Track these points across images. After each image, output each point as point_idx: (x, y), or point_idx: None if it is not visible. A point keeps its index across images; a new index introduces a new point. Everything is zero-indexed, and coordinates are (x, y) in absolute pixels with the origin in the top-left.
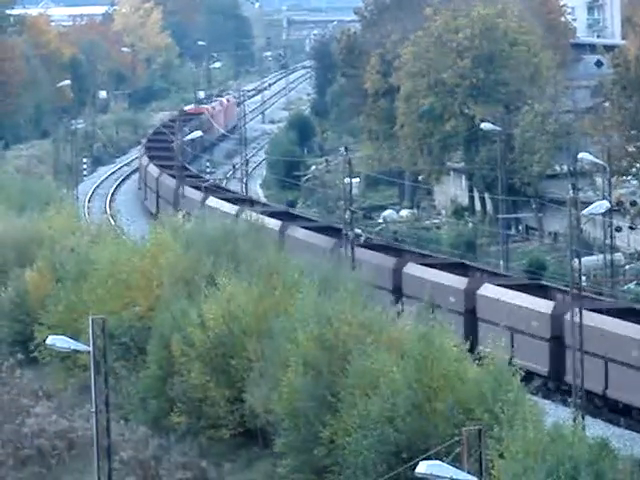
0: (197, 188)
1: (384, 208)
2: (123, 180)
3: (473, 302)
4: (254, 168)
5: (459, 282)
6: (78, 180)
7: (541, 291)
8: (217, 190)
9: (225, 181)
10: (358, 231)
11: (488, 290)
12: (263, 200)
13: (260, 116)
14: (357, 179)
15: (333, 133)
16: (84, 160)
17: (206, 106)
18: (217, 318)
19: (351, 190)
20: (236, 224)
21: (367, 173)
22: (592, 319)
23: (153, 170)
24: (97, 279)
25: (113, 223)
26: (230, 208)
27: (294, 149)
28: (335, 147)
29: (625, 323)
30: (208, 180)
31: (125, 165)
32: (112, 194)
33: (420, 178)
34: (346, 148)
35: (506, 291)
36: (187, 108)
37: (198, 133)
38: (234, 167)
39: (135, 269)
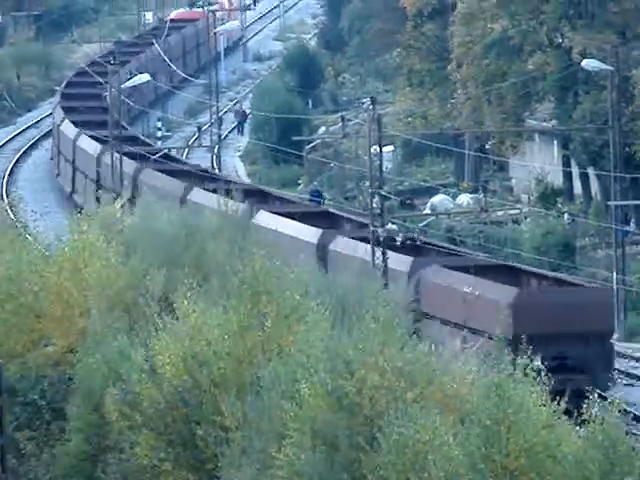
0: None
1: (433, 192)
2: (28, 150)
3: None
4: (230, 130)
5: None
6: None
7: (321, 219)
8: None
9: (185, 149)
10: (393, 227)
11: (262, 218)
12: (242, 177)
13: (240, 50)
14: (390, 147)
15: (352, 76)
16: None
17: (201, 10)
18: (175, 363)
19: (381, 164)
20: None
21: (406, 137)
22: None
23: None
24: None
25: (13, 217)
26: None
27: (293, 101)
28: (356, 97)
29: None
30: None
31: (31, 127)
32: (10, 173)
33: (488, 145)
34: (372, 99)
35: (280, 219)
36: (174, 14)
37: (145, 77)
38: (199, 129)
39: (47, 288)
